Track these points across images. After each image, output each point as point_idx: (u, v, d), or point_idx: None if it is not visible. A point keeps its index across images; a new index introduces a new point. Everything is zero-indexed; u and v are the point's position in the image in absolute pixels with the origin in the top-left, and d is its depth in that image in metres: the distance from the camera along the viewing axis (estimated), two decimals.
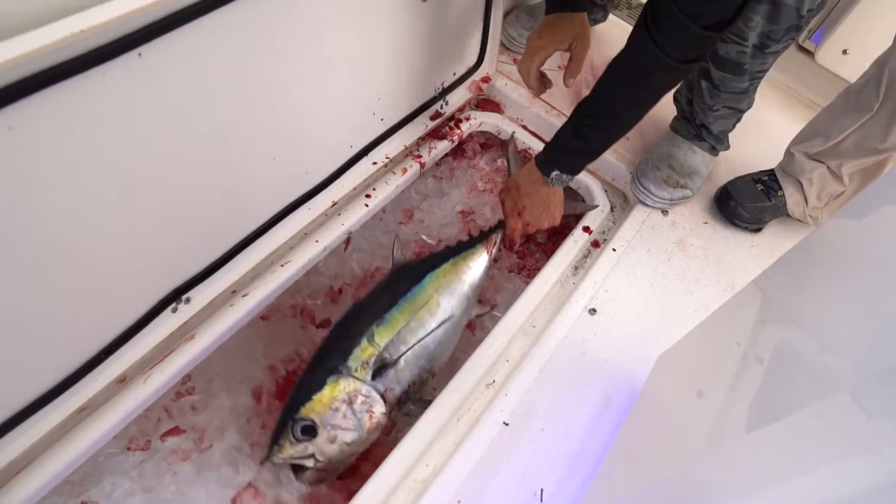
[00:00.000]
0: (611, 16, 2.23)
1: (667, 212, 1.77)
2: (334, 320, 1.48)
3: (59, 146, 0.88)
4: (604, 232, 1.73)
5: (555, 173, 1.44)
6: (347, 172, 1.53)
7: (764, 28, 1.44)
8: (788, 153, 1.69)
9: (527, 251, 1.79)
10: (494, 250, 1.60)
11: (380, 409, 1.30)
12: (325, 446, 1.24)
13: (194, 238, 1.23)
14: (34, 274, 0.96)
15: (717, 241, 1.73)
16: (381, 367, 1.32)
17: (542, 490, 1.27)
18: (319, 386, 1.27)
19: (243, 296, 1.38)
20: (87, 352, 1.13)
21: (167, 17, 0.91)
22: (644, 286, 1.60)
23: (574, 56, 1.57)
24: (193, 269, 1.26)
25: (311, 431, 1.24)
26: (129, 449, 1.36)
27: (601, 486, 1.22)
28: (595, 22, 2.13)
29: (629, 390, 1.42)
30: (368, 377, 1.30)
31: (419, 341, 1.37)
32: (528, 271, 1.77)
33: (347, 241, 1.65)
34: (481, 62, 1.83)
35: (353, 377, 1.29)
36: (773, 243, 1.75)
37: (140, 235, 1.10)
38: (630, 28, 2.09)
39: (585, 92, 1.99)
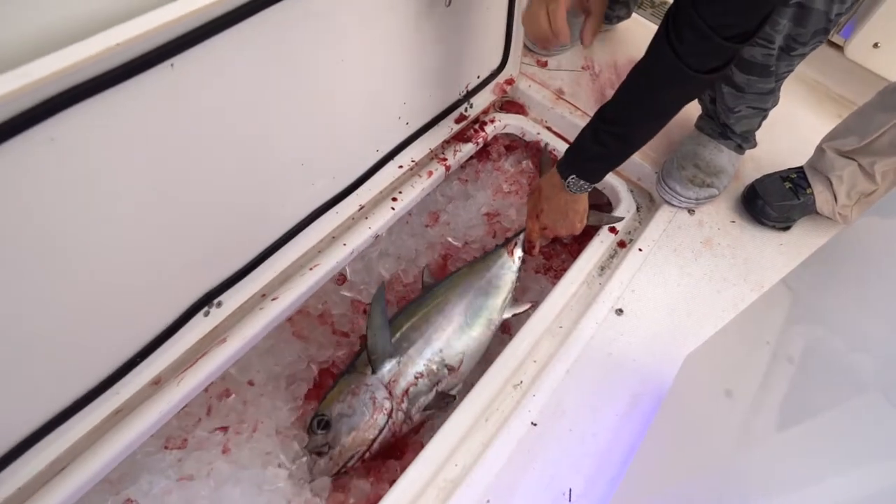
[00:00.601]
0: (634, 14, 2.23)
1: (693, 211, 1.76)
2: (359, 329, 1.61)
3: (97, 155, 0.91)
4: (630, 232, 1.72)
5: (572, 178, 1.42)
6: (374, 176, 1.54)
7: (790, 31, 1.42)
8: (819, 149, 1.68)
9: (552, 252, 1.79)
10: (516, 252, 1.64)
11: (381, 394, 1.38)
12: (336, 435, 1.35)
13: (225, 243, 1.25)
14: (74, 280, 0.99)
15: (744, 239, 1.72)
16: (382, 361, 1.42)
17: (570, 490, 1.27)
18: (332, 386, 1.42)
19: (273, 299, 1.41)
20: (122, 355, 1.16)
21: (197, 28, 0.93)
22: (671, 286, 1.60)
23: (592, 11, 1.55)
24: (224, 273, 1.28)
25: (325, 425, 1.36)
26: (166, 448, 1.39)
27: (630, 487, 1.22)
28: (619, 19, 2.13)
29: (657, 390, 1.42)
30: (370, 370, 1.40)
31: (422, 336, 1.46)
32: (555, 272, 1.77)
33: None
34: (505, 64, 1.84)
35: (358, 372, 1.41)
36: (802, 241, 1.73)
37: (173, 240, 1.12)
38: (654, 27, 2.09)
39: (610, 92, 2.00)
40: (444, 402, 1.43)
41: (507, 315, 1.58)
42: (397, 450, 1.45)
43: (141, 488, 1.33)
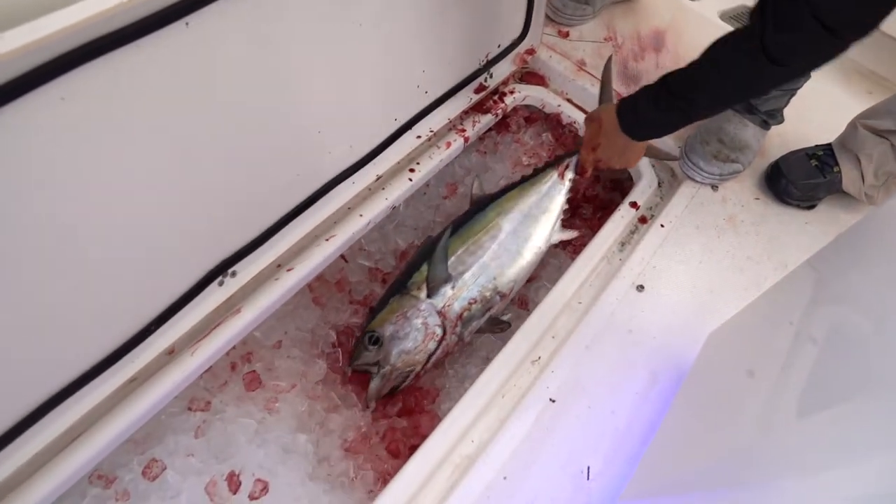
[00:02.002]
0: None
1: (717, 187, 1.72)
2: (376, 296, 1.62)
3: (109, 116, 0.89)
4: (651, 207, 1.69)
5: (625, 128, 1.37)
6: (391, 146, 1.51)
7: None
8: (852, 126, 1.63)
9: (573, 224, 1.75)
10: (568, 174, 1.62)
11: (434, 321, 1.43)
12: (387, 355, 1.40)
13: (240, 211, 1.22)
14: (86, 247, 0.97)
15: (769, 217, 1.68)
16: (438, 284, 1.45)
17: (588, 468, 1.26)
18: (383, 305, 1.46)
19: (288, 270, 1.38)
20: (137, 324, 1.14)
21: None
22: (693, 263, 1.57)
23: None
24: (239, 242, 1.26)
25: (377, 341, 1.41)
26: (189, 409, 1.40)
27: (650, 465, 1.20)
28: None
29: (677, 369, 1.40)
30: (423, 294, 1.44)
31: (477, 262, 1.48)
32: (574, 246, 1.74)
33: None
34: (526, 34, 1.79)
35: (411, 295, 1.45)
36: (828, 220, 1.69)
37: (187, 207, 1.10)
38: (678, 1, 2.03)
39: (632, 64, 1.97)
40: (497, 328, 1.52)
41: (555, 240, 1.60)
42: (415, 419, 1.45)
43: (167, 448, 1.35)
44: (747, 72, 1.12)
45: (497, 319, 1.52)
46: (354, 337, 1.53)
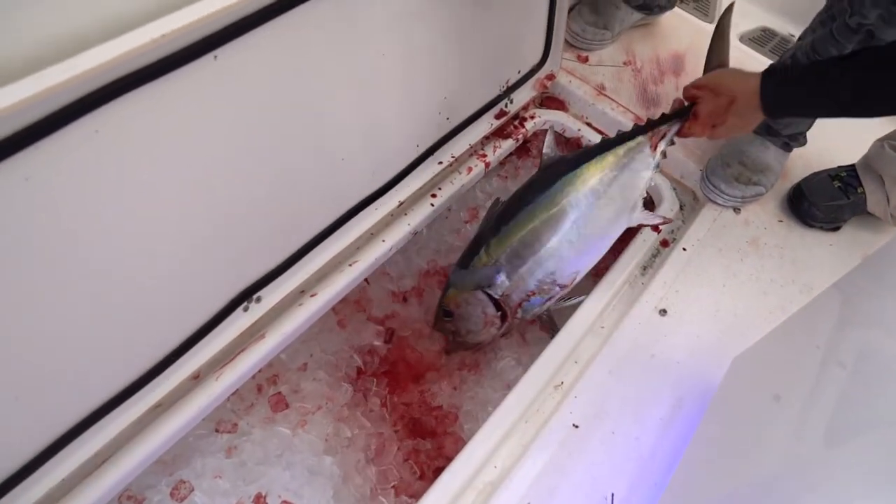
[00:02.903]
0: (677, 9, 2.18)
1: (739, 210, 1.72)
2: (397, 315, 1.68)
3: (139, 148, 0.91)
4: (673, 231, 1.68)
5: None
6: (413, 172, 1.52)
7: None
8: (878, 145, 1.62)
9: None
10: (661, 146, 1.38)
11: (491, 311, 1.42)
12: (457, 329, 1.48)
13: (265, 238, 1.24)
14: (116, 274, 0.99)
15: (792, 239, 1.67)
16: (492, 276, 1.39)
17: (612, 495, 1.24)
18: (449, 287, 1.47)
19: (311, 295, 1.40)
20: (163, 350, 1.16)
21: (241, 20, 0.93)
22: (716, 287, 1.56)
23: None
24: (264, 268, 1.28)
25: (449, 315, 1.46)
26: (217, 431, 1.43)
27: (675, 493, 1.19)
28: (661, 9, 2.08)
29: (701, 394, 1.39)
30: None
31: (533, 257, 1.35)
32: (595, 269, 1.74)
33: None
34: (546, 59, 1.81)
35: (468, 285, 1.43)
36: (853, 242, 1.68)
37: (214, 234, 1.12)
38: (698, 22, 2.02)
39: (652, 87, 1.97)
40: (548, 327, 1.57)
41: (634, 222, 1.40)
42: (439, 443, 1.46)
43: (194, 469, 1.37)
44: None
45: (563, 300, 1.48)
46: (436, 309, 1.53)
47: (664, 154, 1.39)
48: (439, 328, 1.54)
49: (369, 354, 1.58)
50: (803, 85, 1.19)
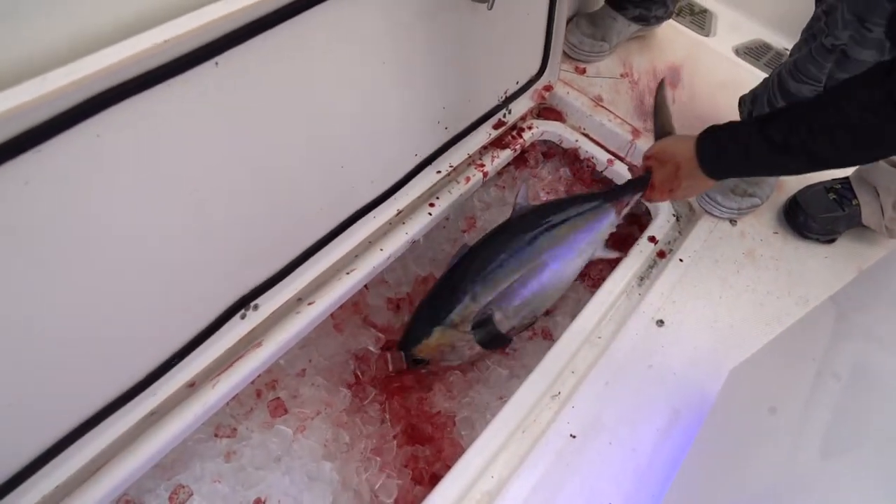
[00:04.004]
0: (672, 21, 2.20)
1: (735, 221, 1.72)
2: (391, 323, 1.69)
3: (140, 153, 0.91)
4: (669, 242, 1.69)
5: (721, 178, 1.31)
6: (412, 181, 1.53)
7: (834, 74, 1.38)
8: None
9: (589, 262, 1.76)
10: (625, 211, 1.57)
11: (478, 349, 1.50)
12: (432, 361, 1.52)
13: (264, 245, 1.24)
14: (113, 280, 0.98)
15: (788, 251, 1.68)
16: (482, 321, 1.47)
17: None
18: (427, 334, 1.48)
19: (309, 304, 1.39)
20: (159, 357, 1.15)
21: (242, 27, 0.93)
22: (713, 298, 1.56)
23: None
24: (262, 276, 1.27)
25: (424, 363, 1.51)
26: (216, 436, 1.42)
27: None
28: (657, 20, 2.09)
29: (699, 405, 1.38)
30: (469, 327, 1.47)
31: (520, 299, 1.49)
32: (592, 280, 1.74)
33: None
34: (544, 70, 1.82)
35: (457, 329, 1.47)
36: (848, 254, 1.68)
37: (212, 241, 1.11)
38: (694, 35, 2.03)
39: (649, 100, 1.98)
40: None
41: (595, 257, 1.60)
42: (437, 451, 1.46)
43: (193, 473, 1.37)
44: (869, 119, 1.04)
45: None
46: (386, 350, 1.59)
47: (626, 218, 1.60)
48: (408, 362, 1.52)
49: (365, 362, 1.58)
50: (733, 148, 1.25)
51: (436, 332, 1.48)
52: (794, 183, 1.77)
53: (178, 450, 1.31)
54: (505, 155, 1.78)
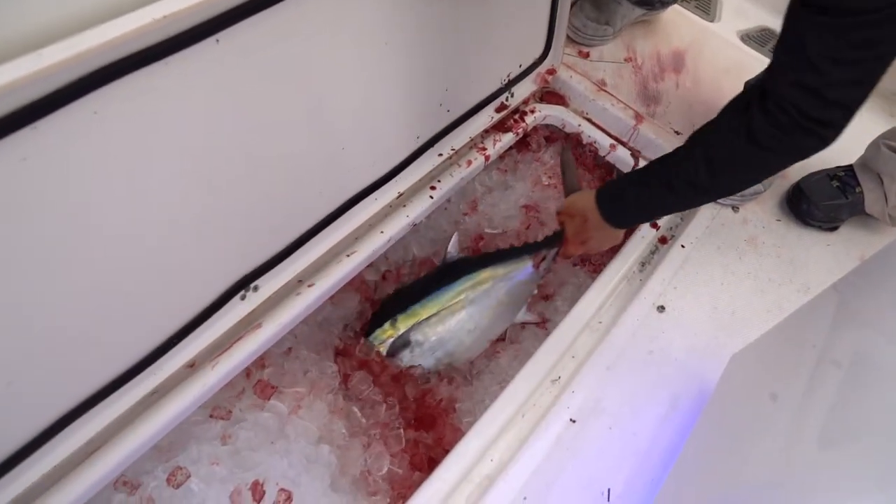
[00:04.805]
0: (678, 6, 2.18)
1: (737, 208, 1.71)
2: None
3: (139, 131, 0.89)
4: (671, 228, 1.68)
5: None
6: (413, 164, 1.51)
7: None
8: (875, 145, 1.62)
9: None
10: (543, 266, 1.59)
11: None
12: None
13: (264, 227, 1.23)
14: (111, 259, 0.97)
15: (790, 239, 1.67)
16: (398, 348, 1.49)
17: (609, 490, 1.24)
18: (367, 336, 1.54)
19: (309, 285, 1.39)
20: (159, 337, 1.15)
21: (243, 4, 0.91)
22: (714, 284, 1.56)
23: None
24: (262, 257, 1.26)
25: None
26: (212, 417, 1.42)
27: (672, 490, 1.18)
28: (662, 5, 2.07)
29: (699, 391, 1.38)
30: (385, 351, 1.50)
31: (437, 336, 1.50)
32: (593, 265, 1.74)
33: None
34: (547, 54, 1.80)
35: (375, 350, 1.51)
36: (850, 242, 1.68)
37: (213, 222, 1.10)
38: (699, 20, 2.03)
39: (652, 85, 1.97)
40: None
41: (518, 321, 1.61)
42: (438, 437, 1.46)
43: (190, 455, 1.36)
44: (733, 152, 1.11)
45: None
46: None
47: (545, 273, 1.62)
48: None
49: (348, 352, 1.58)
50: (627, 194, 1.29)
51: (364, 342, 1.54)
52: (797, 170, 1.76)
53: (176, 432, 1.30)
54: (507, 138, 1.76)
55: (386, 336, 1.50)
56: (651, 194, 1.24)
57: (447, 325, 1.51)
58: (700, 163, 1.15)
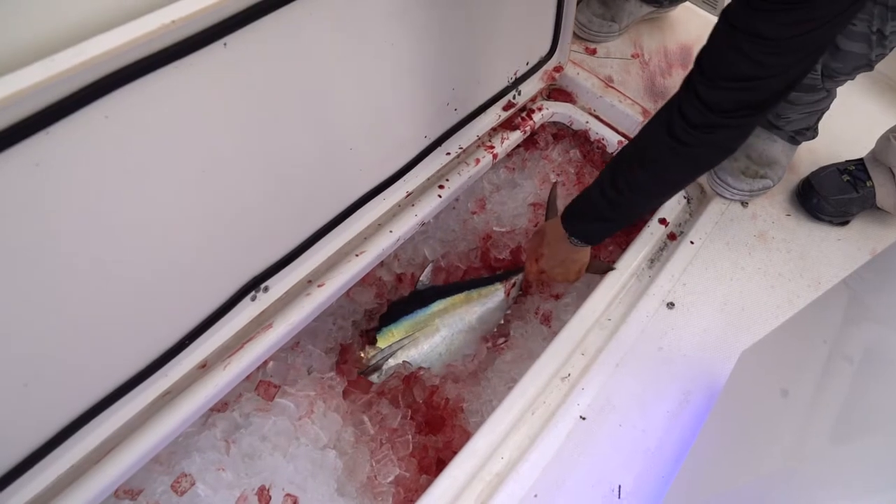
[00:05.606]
0: (687, 3, 2.17)
1: (746, 203, 1.71)
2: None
3: (148, 135, 0.90)
4: (680, 224, 1.68)
5: (574, 238, 1.34)
6: (421, 163, 1.52)
7: (829, 63, 1.45)
8: (885, 139, 1.61)
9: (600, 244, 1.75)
10: (513, 291, 1.65)
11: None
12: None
13: (274, 228, 1.24)
14: (124, 262, 0.98)
15: (800, 234, 1.67)
16: (371, 369, 1.51)
17: (619, 487, 1.24)
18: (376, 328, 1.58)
19: (319, 285, 1.39)
20: (170, 338, 1.16)
21: (251, 7, 0.91)
22: (724, 280, 1.55)
23: None
24: (272, 258, 1.27)
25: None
26: (216, 413, 1.42)
27: (682, 487, 1.19)
28: (671, 3, 2.06)
29: (709, 387, 1.38)
30: (363, 369, 1.52)
31: (407, 357, 1.54)
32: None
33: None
34: (554, 51, 1.80)
35: (355, 369, 1.54)
36: (861, 236, 1.67)
37: (223, 223, 1.11)
38: (706, 15, 2.03)
39: (660, 80, 1.96)
40: None
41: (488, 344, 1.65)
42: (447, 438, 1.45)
43: (195, 462, 1.35)
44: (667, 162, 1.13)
45: None
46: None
47: (515, 300, 1.68)
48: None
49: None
50: (587, 201, 1.28)
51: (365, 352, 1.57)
52: (806, 165, 1.76)
53: (181, 437, 1.31)
54: (515, 137, 1.77)
55: (368, 354, 1.53)
56: (605, 197, 1.23)
57: (418, 345, 1.55)
58: (633, 159, 1.17)
